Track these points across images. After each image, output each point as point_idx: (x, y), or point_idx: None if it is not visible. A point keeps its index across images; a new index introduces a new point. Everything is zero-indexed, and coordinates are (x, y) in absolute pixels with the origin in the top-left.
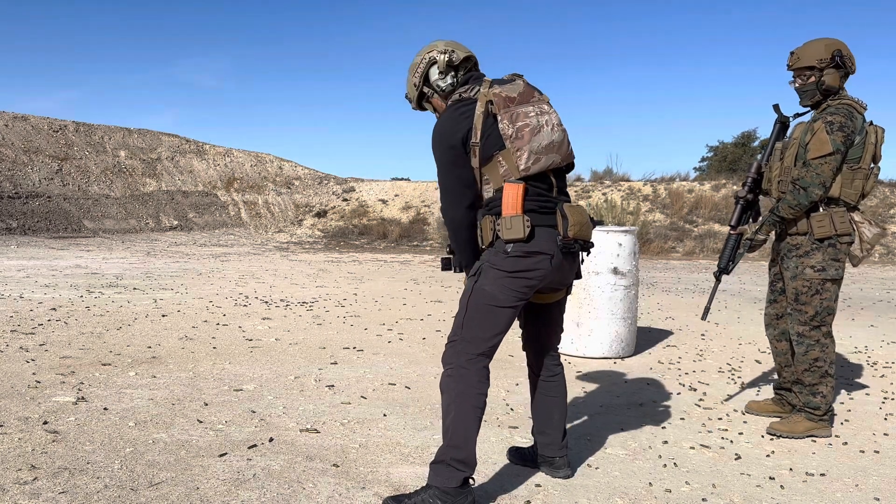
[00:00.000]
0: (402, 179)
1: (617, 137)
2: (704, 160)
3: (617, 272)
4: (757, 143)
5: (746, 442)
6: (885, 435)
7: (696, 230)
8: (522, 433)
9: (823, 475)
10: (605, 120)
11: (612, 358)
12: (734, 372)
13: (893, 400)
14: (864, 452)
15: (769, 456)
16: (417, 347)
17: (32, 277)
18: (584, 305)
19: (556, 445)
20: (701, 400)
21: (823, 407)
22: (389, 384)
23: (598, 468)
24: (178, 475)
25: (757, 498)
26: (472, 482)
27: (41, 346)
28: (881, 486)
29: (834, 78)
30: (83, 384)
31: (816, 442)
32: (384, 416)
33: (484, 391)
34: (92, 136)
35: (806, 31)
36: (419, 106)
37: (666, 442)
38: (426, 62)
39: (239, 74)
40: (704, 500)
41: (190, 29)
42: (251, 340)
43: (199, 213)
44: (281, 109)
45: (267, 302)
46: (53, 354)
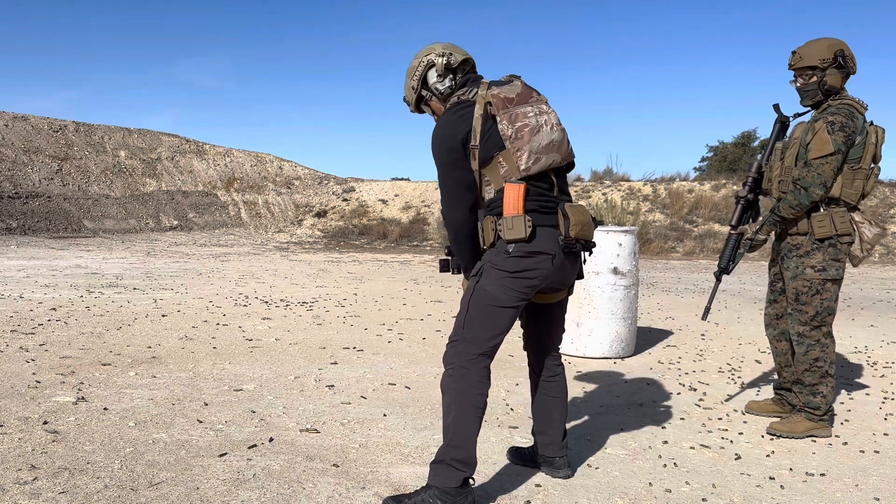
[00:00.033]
0: (402, 179)
1: (617, 137)
2: (704, 160)
3: (617, 272)
4: (757, 143)
5: (746, 442)
6: (885, 435)
7: (696, 230)
8: (522, 433)
9: (823, 475)
10: (605, 120)
11: (612, 358)
12: (734, 372)
13: (893, 400)
14: (864, 452)
15: (769, 456)
16: (417, 347)
17: (32, 277)
18: (584, 305)
19: (556, 445)
20: (701, 400)
21: (823, 407)
22: (389, 384)
23: (598, 468)
24: (178, 475)
25: (757, 498)
26: (472, 482)
27: (41, 346)
28: (881, 486)
29: (836, 78)
30: (83, 384)
31: (816, 442)
32: (384, 416)
33: (484, 391)
34: (92, 136)
35: (806, 31)
36: (417, 109)
37: (666, 442)
38: (424, 65)
39: (239, 74)
40: (704, 500)
41: (190, 29)
42: (251, 340)
43: (199, 213)
44: (281, 109)
45: (267, 302)
46: (53, 354)
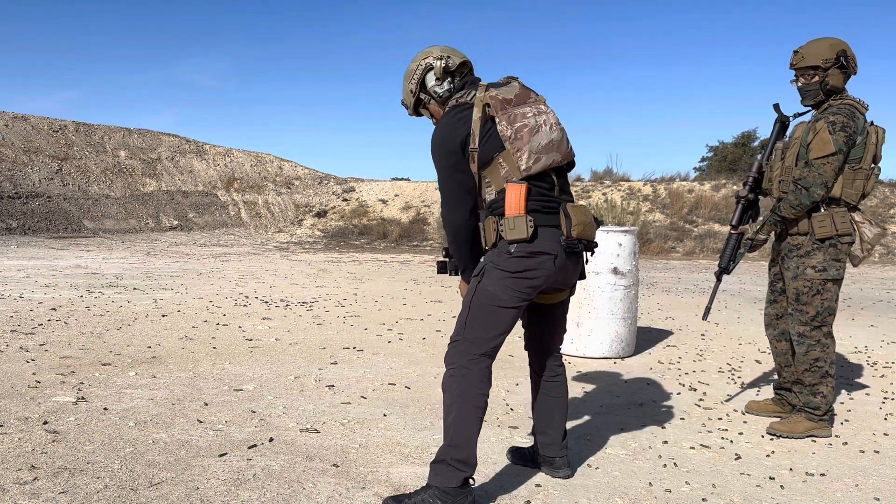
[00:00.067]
0: (402, 179)
1: (617, 137)
2: (704, 160)
3: (617, 272)
4: (757, 143)
5: (746, 442)
6: (885, 435)
7: (696, 230)
8: (522, 433)
9: (823, 475)
10: (605, 120)
11: (612, 358)
12: (734, 372)
13: (893, 400)
14: (864, 452)
15: (769, 456)
16: (417, 347)
17: (32, 277)
18: (584, 305)
19: (556, 445)
20: (701, 400)
21: (823, 407)
22: (389, 384)
23: (598, 468)
24: (178, 475)
25: (757, 498)
26: (472, 482)
27: (41, 346)
28: (881, 486)
29: (838, 78)
30: (83, 384)
31: (816, 442)
32: (384, 416)
33: (486, 391)
34: (92, 136)
35: (806, 31)
36: (416, 112)
37: (666, 442)
38: (422, 68)
39: (239, 74)
40: (704, 500)
41: (190, 29)
42: (251, 340)
43: (199, 213)
44: (281, 109)
45: (267, 302)
46: (53, 354)
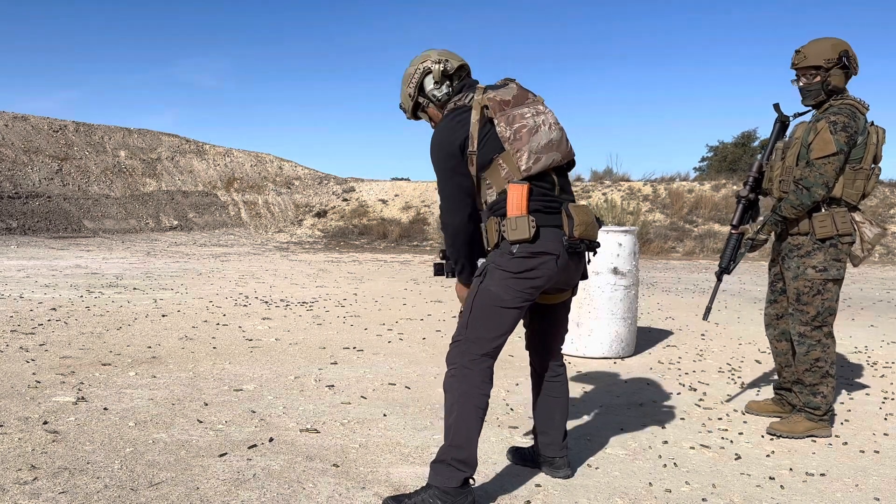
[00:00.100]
0: (402, 179)
1: (617, 137)
2: (704, 160)
3: (617, 272)
4: (757, 142)
5: (746, 442)
6: (885, 435)
7: (696, 230)
8: (522, 433)
9: (823, 475)
10: (605, 120)
11: (612, 358)
12: (734, 372)
13: (893, 400)
14: (864, 452)
15: (769, 456)
16: (417, 347)
17: (32, 277)
18: (584, 305)
19: (556, 445)
20: (701, 400)
21: (824, 407)
22: (389, 384)
23: (598, 468)
24: (178, 475)
25: (757, 498)
26: (472, 482)
27: (41, 346)
28: (881, 486)
29: (839, 79)
30: (83, 384)
31: (816, 442)
32: (384, 416)
33: (487, 392)
34: (92, 136)
35: (806, 31)
36: (414, 116)
37: (666, 442)
38: (421, 72)
39: (239, 74)
40: (704, 500)
41: (190, 29)
42: (251, 340)
43: (199, 213)
44: (281, 109)
45: (267, 302)
46: (53, 354)
